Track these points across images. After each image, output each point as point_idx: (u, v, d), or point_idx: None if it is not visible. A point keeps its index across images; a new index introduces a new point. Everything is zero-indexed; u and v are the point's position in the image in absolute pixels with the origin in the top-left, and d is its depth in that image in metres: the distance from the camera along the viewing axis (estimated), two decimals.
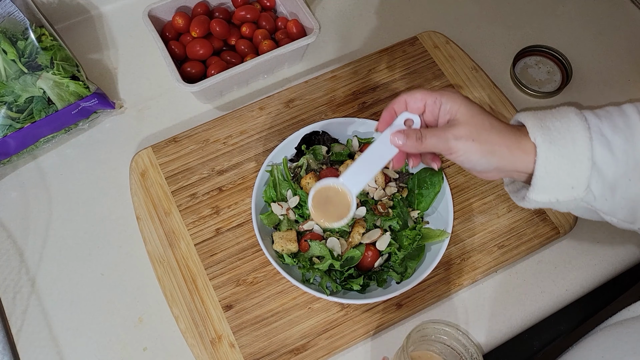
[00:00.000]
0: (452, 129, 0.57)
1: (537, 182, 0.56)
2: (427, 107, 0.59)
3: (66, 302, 0.74)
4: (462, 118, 0.57)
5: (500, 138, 0.57)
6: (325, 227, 0.67)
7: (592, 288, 0.77)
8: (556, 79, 0.91)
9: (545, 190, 0.57)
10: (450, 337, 0.62)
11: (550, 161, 0.55)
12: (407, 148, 0.59)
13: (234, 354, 0.69)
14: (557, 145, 0.55)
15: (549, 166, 0.56)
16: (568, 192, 0.56)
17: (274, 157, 0.76)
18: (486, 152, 0.56)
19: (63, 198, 0.80)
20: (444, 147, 0.57)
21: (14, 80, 0.76)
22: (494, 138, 0.56)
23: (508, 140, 0.56)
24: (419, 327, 0.61)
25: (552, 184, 0.56)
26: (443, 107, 0.58)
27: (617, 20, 0.98)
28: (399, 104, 0.60)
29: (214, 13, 0.91)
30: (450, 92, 0.58)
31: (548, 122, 0.57)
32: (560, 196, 0.57)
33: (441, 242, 0.71)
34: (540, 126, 0.56)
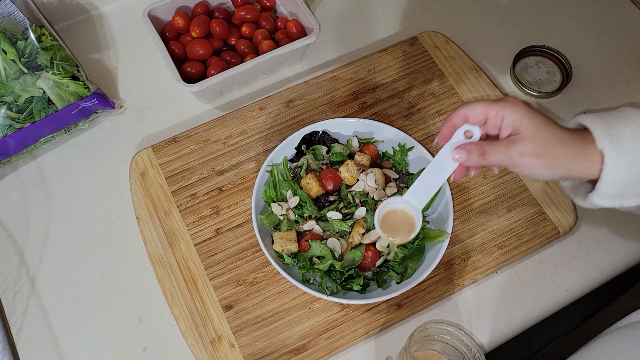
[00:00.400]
0: (516, 145, 0.55)
1: (602, 189, 0.56)
2: (489, 119, 0.57)
3: (66, 302, 0.74)
4: (526, 132, 0.55)
5: (565, 150, 0.56)
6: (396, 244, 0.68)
7: (592, 288, 0.77)
8: (556, 79, 0.91)
9: (611, 196, 0.57)
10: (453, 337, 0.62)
11: (618, 170, 0.55)
12: (469, 163, 0.58)
13: (234, 354, 0.69)
14: (625, 154, 0.55)
15: (616, 175, 0.55)
16: (634, 199, 0.56)
17: (274, 157, 0.76)
18: (552, 166, 0.56)
19: (63, 198, 0.80)
20: (508, 163, 0.56)
21: (14, 80, 0.76)
22: (560, 151, 0.56)
23: (574, 151, 0.56)
24: (422, 326, 0.61)
25: (618, 191, 0.56)
26: (506, 120, 0.56)
27: (617, 20, 0.98)
28: (459, 117, 0.58)
29: (214, 13, 0.91)
30: (512, 104, 0.56)
31: (615, 129, 0.56)
32: (626, 202, 0.57)
33: (441, 243, 0.71)
34: (608, 134, 0.55)
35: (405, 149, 0.79)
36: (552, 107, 0.89)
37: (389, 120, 0.85)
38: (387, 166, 0.79)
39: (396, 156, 0.79)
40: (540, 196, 0.80)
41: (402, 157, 0.79)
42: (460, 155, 0.57)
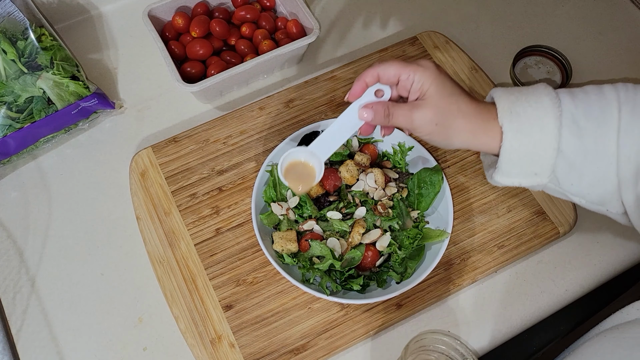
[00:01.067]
0: (418, 110, 0.57)
1: (501, 167, 0.57)
2: (400, 81, 0.58)
3: (66, 302, 0.74)
4: (430, 99, 0.56)
5: (465, 123, 0.56)
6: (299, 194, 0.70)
7: (592, 288, 0.77)
8: (556, 79, 0.91)
9: (510, 174, 0.57)
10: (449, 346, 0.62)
11: (515, 149, 0.55)
12: (375, 123, 0.60)
13: (234, 354, 0.69)
14: (523, 134, 0.55)
15: (513, 153, 0.56)
16: (531, 178, 0.57)
17: (274, 157, 0.76)
18: (449, 136, 0.57)
19: (63, 198, 0.80)
20: (409, 127, 0.58)
21: (14, 80, 0.76)
22: (459, 123, 0.56)
23: (474, 124, 0.56)
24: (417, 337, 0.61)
25: (515, 169, 0.56)
26: (414, 85, 0.57)
27: (617, 20, 0.98)
28: (372, 76, 0.59)
29: (214, 13, 0.91)
30: (423, 69, 0.57)
31: (519, 107, 0.56)
32: (524, 181, 0.57)
33: (441, 242, 0.71)
34: (510, 111, 0.56)
35: (405, 149, 0.79)
36: None
37: None
38: (387, 166, 0.79)
39: (396, 156, 0.79)
40: (540, 196, 0.80)
41: (402, 156, 0.79)
42: (367, 114, 0.59)
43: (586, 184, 0.56)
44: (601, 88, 0.57)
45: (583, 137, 0.54)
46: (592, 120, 0.54)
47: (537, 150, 0.55)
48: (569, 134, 0.54)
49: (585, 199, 0.58)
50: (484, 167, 0.63)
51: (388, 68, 0.58)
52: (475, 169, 0.82)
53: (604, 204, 0.57)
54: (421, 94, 0.57)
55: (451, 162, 0.82)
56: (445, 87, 0.56)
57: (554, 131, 0.54)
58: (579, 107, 0.55)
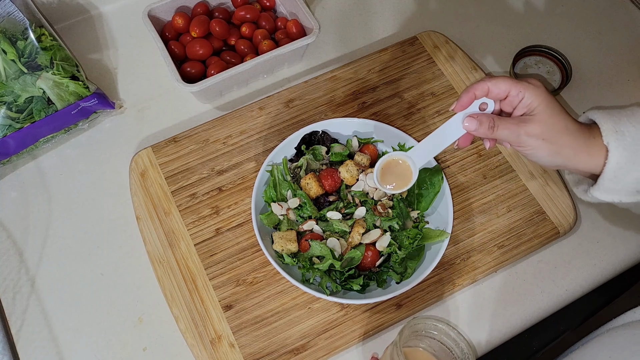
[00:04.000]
0: (526, 125, 0.58)
1: (603, 184, 0.58)
2: (509, 96, 0.59)
3: (66, 302, 0.74)
4: (538, 116, 0.58)
5: (570, 140, 0.58)
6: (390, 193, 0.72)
7: (592, 288, 0.77)
8: (556, 79, 0.91)
9: (611, 191, 0.59)
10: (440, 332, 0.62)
11: (621, 166, 0.57)
12: (477, 134, 0.60)
13: (234, 354, 0.69)
14: (629, 152, 0.56)
15: (618, 171, 0.57)
16: (632, 196, 0.58)
17: (273, 157, 0.76)
18: (553, 152, 0.58)
19: (63, 198, 0.80)
20: (514, 140, 0.59)
21: (14, 80, 0.76)
22: (565, 140, 0.58)
23: (577, 142, 0.58)
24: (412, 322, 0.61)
25: (618, 187, 0.58)
26: (524, 100, 0.58)
27: (617, 20, 0.98)
28: (482, 89, 0.60)
29: (214, 13, 0.91)
30: (534, 87, 0.58)
31: (622, 127, 0.57)
32: (624, 198, 0.59)
33: (441, 242, 0.71)
34: (615, 130, 0.57)
35: (405, 149, 0.79)
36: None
37: (389, 120, 0.85)
38: None
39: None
40: (540, 196, 0.80)
41: None
42: (471, 124, 0.60)
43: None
44: None
45: None
46: None
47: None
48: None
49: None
50: (569, 183, 0.65)
51: (499, 83, 0.58)
52: (475, 169, 0.82)
53: None
54: (529, 109, 0.58)
55: (451, 162, 0.82)
56: (554, 105, 0.58)
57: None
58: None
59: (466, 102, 0.60)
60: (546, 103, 0.58)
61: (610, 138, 0.57)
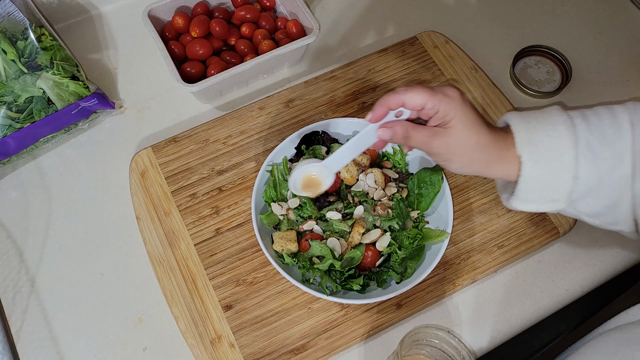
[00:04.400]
0: (438, 137, 0.58)
1: (519, 194, 0.58)
2: (424, 109, 0.59)
3: (66, 302, 0.74)
4: (451, 129, 0.58)
5: (482, 154, 0.58)
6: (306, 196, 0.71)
7: (592, 288, 0.77)
8: (556, 79, 0.91)
9: (528, 201, 0.59)
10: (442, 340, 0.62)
11: (534, 178, 0.57)
12: (392, 142, 0.61)
13: (234, 354, 0.69)
14: (541, 163, 0.56)
15: (531, 182, 0.57)
16: (549, 205, 0.59)
17: (273, 157, 0.76)
18: (464, 165, 0.59)
19: (63, 198, 0.80)
20: (427, 151, 0.60)
21: (14, 80, 0.76)
22: (476, 155, 0.58)
23: (490, 155, 0.58)
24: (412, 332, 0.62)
25: (534, 196, 0.58)
26: (438, 114, 0.58)
27: (617, 20, 0.98)
28: (396, 104, 0.59)
29: (214, 13, 0.91)
30: (449, 99, 0.57)
31: (536, 137, 0.57)
32: (542, 207, 0.59)
33: (441, 242, 0.71)
34: (528, 141, 0.57)
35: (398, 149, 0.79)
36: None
37: None
38: (387, 166, 0.79)
39: (396, 156, 0.79)
40: None
41: (402, 157, 0.79)
42: (385, 134, 0.60)
43: (601, 205, 0.57)
44: (612, 110, 0.58)
45: (599, 163, 0.55)
46: (606, 144, 0.56)
47: (555, 178, 0.56)
48: (585, 161, 0.55)
49: (599, 220, 0.60)
50: (497, 188, 0.65)
51: (414, 97, 0.58)
52: None
53: (617, 223, 0.59)
54: (443, 122, 0.58)
55: None
56: (468, 118, 0.58)
57: (571, 159, 0.56)
58: (594, 132, 0.56)
59: (380, 114, 0.60)
60: (460, 116, 0.57)
61: (524, 150, 0.57)
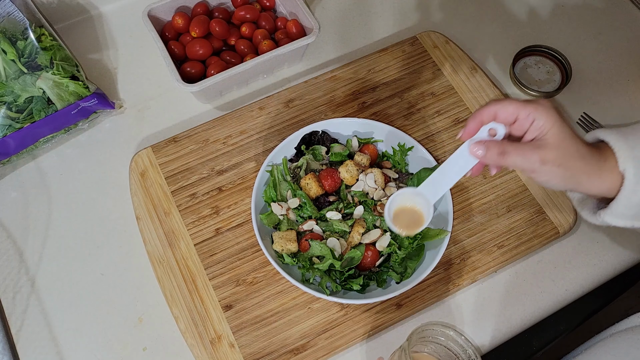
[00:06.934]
0: (541, 151, 0.54)
1: (617, 209, 0.56)
2: (518, 119, 0.56)
3: (66, 302, 0.74)
4: (551, 140, 0.54)
5: (583, 165, 0.55)
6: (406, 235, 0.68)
7: (592, 288, 0.77)
8: (556, 79, 0.91)
9: (624, 217, 0.56)
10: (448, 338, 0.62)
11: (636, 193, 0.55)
12: (487, 160, 0.56)
13: (234, 354, 0.69)
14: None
15: (634, 198, 0.55)
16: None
17: (273, 157, 0.76)
18: (568, 177, 0.55)
19: (63, 198, 0.80)
20: (528, 167, 0.55)
21: (14, 80, 0.76)
22: (578, 165, 0.55)
23: (589, 167, 0.55)
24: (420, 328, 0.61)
25: (632, 212, 0.56)
26: (535, 123, 0.55)
27: (617, 20, 0.98)
28: (488, 114, 0.56)
29: (214, 13, 0.91)
30: (543, 108, 0.54)
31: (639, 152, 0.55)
32: (637, 224, 0.56)
33: (441, 243, 0.71)
34: (632, 156, 0.55)
35: (405, 149, 0.79)
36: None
37: (389, 120, 0.85)
38: (386, 166, 0.79)
39: (396, 156, 0.79)
40: (539, 196, 0.80)
41: (402, 157, 0.79)
42: (479, 149, 0.56)
43: None
44: None
45: None
46: None
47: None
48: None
49: None
50: (574, 204, 0.62)
51: (507, 106, 0.55)
52: None
53: None
54: (541, 133, 0.55)
55: None
56: (566, 128, 0.55)
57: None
58: None
59: (473, 128, 0.57)
60: (558, 126, 0.54)
61: (628, 164, 0.54)
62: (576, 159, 0.55)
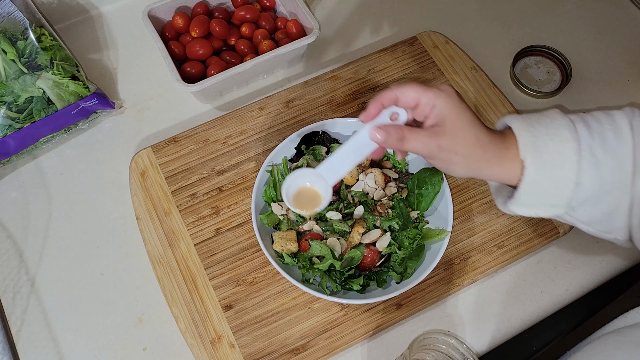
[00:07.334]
0: (437, 138, 0.55)
1: (519, 198, 0.57)
2: (419, 105, 0.57)
3: (66, 302, 0.74)
4: (450, 127, 0.55)
5: (482, 153, 0.56)
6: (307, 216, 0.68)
7: (592, 288, 0.77)
8: (556, 79, 0.91)
9: (527, 206, 0.57)
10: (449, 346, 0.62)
11: (537, 182, 0.55)
12: (386, 145, 0.57)
13: (234, 354, 0.69)
14: (545, 169, 0.55)
15: (533, 187, 0.56)
16: (549, 210, 0.57)
17: (273, 157, 0.76)
18: (466, 165, 0.56)
19: (63, 198, 0.80)
20: (426, 154, 0.57)
21: (14, 80, 0.76)
22: (477, 153, 0.56)
23: (489, 155, 0.56)
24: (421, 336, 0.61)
25: (534, 201, 0.57)
26: (435, 110, 0.56)
27: (617, 20, 0.98)
28: (389, 98, 0.57)
29: (214, 13, 0.91)
30: (445, 95, 0.55)
31: (540, 142, 0.55)
32: (540, 212, 0.57)
33: (441, 243, 0.71)
34: (533, 146, 0.55)
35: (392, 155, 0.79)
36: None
37: None
38: (387, 166, 0.79)
39: (396, 156, 0.79)
40: None
41: None
42: (379, 134, 0.57)
43: (599, 212, 0.57)
44: (612, 115, 0.57)
45: (600, 168, 0.55)
46: (608, 150, 0.55)
47: (557, 184, 0.55)
48: (588, 167, 0.54)
49: (594, 227, 0.58)
50: (491, 192, 0.63)
51: (407, 91, 0.56)
52: None
53: (612, 231, 0.58)
54: (440, 120, 0.56)
55: None
56: (466, 115, 0.55)
57: (573, 165, 0.54)
58: (595, 138, 0.55)
59: (373, 111, 0.57)
60: (457, 113, 0.55)
61: (527, 154, 0.55)
62: (475, 147, 0.55)
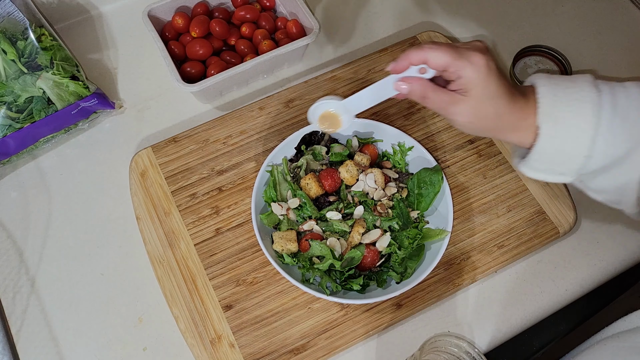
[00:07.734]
0: (457, 105, 0.57)
1: (529, 162, 0.58)
2: (446, 71, 0.57)
3: (66, 302, 0.74)
4: (472, 99, 0.56)
5: (500, 123, 0.57)
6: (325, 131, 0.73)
7: (592, 288, 0.77)
8: None
9: (536, 170, 0.59)
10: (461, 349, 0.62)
11: (548, 152, 0.57)
12: (409, 97, 0.60)
13: (234, 354, 0.69)
14: (559, 139, 0.56)
15: (544, 154, 0.57)
16: (557, 177, 0.59)
17: (273, 157, 0.76)
18: (478, 130, 0.59)
19: (63, 198, 0.80)
20: (443, 114, 0.59)
21: (14, 80, 0.76)
22: (493, 123, 0.57)
23: (506, 124, 0.57)
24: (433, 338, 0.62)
25: (543, 166, 0.58)
26: (460, 80, 0.56)
27: (617, 20, 0.98)
28: (418, 59, 0.57)
29: (214, 13, 0.91)
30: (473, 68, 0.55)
31: (559, 112, 0.56)
32: (549, 178, 0.59)
33: (441, 242, 0.71)
34: (551, 115, 0.56)
35: (405, 149, 0.79)
36: None
37: (389, 120, 0.85)
38: (387, 166, 0.79)
39: (396, 156, 0.79)
40: (540, 196, 0.80)
41: (402, 157, 0.79)
42: (404, 87, 0.60)
43: (609, 184, 0.57)
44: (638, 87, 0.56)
45: (616, 146, 0.55)
46: (628, 127, 0.54)
47: (569, 155, 0.56)
48: (604, 142, 0.55)
49: (602, 196, 0.60)
50: (510, 149, 0.65)
51: (438, 56, 0.56)
52: (475, 169, 0.82)
53: (621, 203, 0.59)
54: (463, 89, 0.57)
55: (451, 162, 0.82)
56: (490, 89, 0.56)
57: (587, 140, 0.55)
58: (618, 115, 0.55)
59: (402, 66, 0.59)
60: (482, 87, 0.55)
61: (544, 123, 0.56)
62: (492, 119, 0.57)
